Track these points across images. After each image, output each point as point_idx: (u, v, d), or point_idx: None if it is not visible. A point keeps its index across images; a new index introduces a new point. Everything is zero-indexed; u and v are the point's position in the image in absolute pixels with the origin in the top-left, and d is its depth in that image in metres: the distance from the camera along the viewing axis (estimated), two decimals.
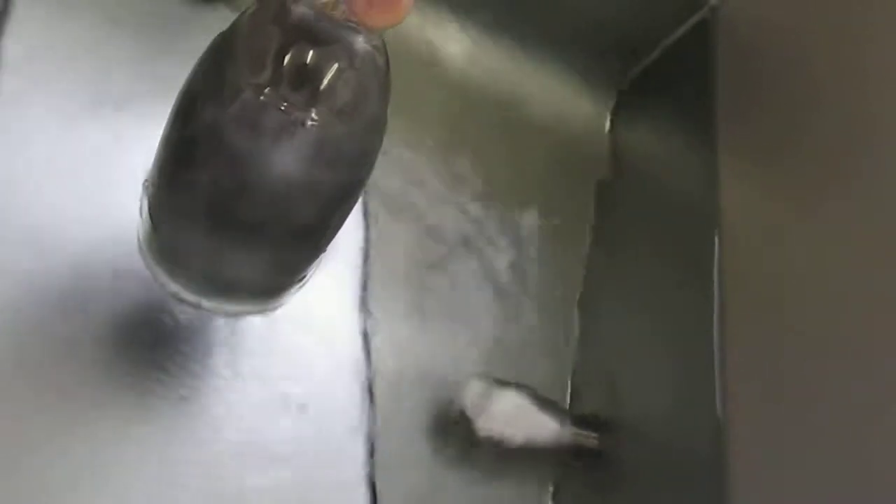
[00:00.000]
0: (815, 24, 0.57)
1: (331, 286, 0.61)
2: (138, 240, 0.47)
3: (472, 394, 0.60)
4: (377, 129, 0.42)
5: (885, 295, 0.45)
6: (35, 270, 0.52)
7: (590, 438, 0.62)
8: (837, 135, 0.52)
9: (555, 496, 0.63)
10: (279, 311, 0.48)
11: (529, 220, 0.69)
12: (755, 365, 0.51)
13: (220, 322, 0.55)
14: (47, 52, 0.57)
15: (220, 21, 0.41)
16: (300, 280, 0.47)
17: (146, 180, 0.45)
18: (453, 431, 0.61)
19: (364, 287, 0.62)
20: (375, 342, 0.61)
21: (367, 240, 0.63)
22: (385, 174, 0.65)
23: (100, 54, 0.59)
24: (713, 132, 0.61)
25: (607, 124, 0.75)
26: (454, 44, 0.72)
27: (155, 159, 0.44)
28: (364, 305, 0.61)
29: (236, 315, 0.53)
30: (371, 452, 0.58)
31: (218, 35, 0.41)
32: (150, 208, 0.45)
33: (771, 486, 0.47)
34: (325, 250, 0.46)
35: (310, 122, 0.39)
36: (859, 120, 0.50)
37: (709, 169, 0.60)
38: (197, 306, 0.46)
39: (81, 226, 0.54)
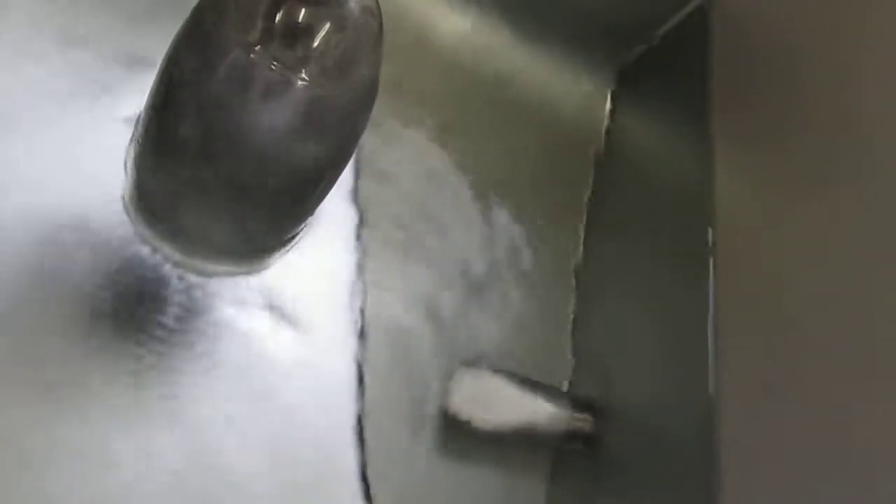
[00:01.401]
0: (812, 13, 0.56)
1: (318, 267, 0.60)
2: (123, 198, 0.46)
3: (464, 381, 0.60)
4: (369, 90, 0.42)
5: (879, 285, 0.45)
6: (14, 231, 0.51)
7: (586, 422, 0.61)
8: (834, 124, 0.51)
9: (550, 483, 0.63)
10: (267, 274, 0.48)
11: (524, 204, 0.69)
12: (748, 353, 0.51)
13: (206, 283, 0.54)
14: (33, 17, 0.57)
15: None
16: (287, 242, 0.46)
17: (132, 137, 0.45)
18: (447, 419, 0.60)
19: (354, 278, 0.61)
20: (366, 329, 0.60)
21: (358, 229, 0.62)
22: (378, 151, 0.64)
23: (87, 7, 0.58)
24: (709, 120, 0.61)
25: (603, 109, 0.75)
26: (449, 23, 0.71)
27: (142, 116, 0.43)
28: (354, 293, 0.61)
29: (222, 276, 0.53)
30: (361, 442, 0.58)
31: None
32: (136, 166, 0.44)
33: (762, 473, 0.47)
34: (312, 213, 0.45)
35: (300, 82, 0.39)
36: (856, 110, 0.50)
37: (704, 157, 0.59)
38: (182, 266, 0.46)
39: (66, 186, 0.53)
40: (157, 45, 0.42)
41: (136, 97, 0.43)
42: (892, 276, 0.44)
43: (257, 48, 0.38)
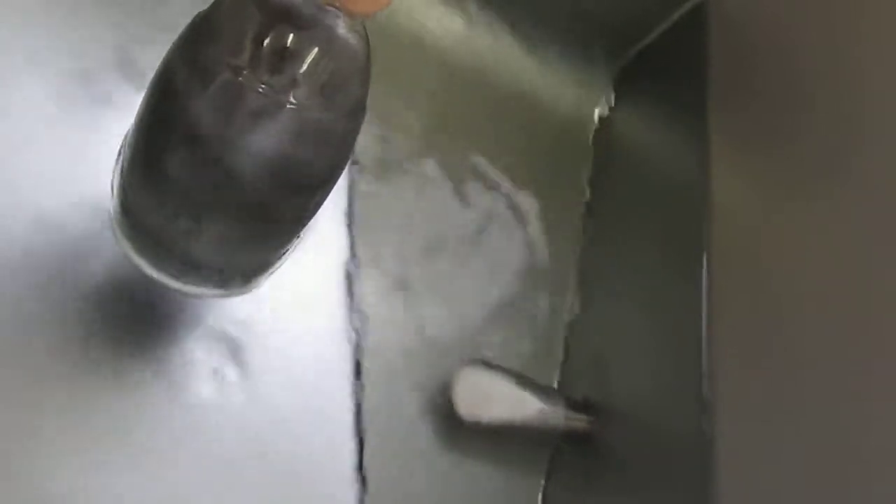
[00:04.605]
0: (809, 12, 0.56)
1: (315, 266, 0.60)
2: (111, 220, 0.46)
3: (463, 379, 0.60)
4: (356, 113, 0.42)
5: (876, 283, 0.45)
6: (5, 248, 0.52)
7: (582, 421, 0.61)
8: (831, 123, 0.51)
9: (546, 481, 0.63)
10: (258, 292, 0.48)
11: (521, 203, 0.69)
12: (742, 350, 0.51)
13: (194, 303, 0.54)
14: (26, 28, 0.57)
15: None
16: (274, 262, 0.47)
17: (119, 159, 0.45)
18: (444, 417, 0.61)
19: (350, 273, 0.62)
20: (363, 325, 0.61)
21: (351, 221, 0.62)
22: (374, 154, 0.65)
23: (77, 31, 0.58)
24: (706, 118, 0.60)
25: (600, 108, 0.75)
26: (446, 24, 0.71)
27: (129, 138, 0.43)
28: (350, 289, 0.61)
29: (210, 297, 0.53)
30: (360, 438, 0.58)
31: (197, 14, 0.41)
32: (123, 188, 0.44)
33: (758, 471, 0.47)
34: (300, 234, 0.45)
35: (288, 105, 0.39)
36: (854, 108, 0.50)
37: (701, 155, 0.59)
38: (170, 287, 0.46)
39: (54, 203, 0.53)
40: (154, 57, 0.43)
41: (128, 110, 0.43)
42: (889, 273, 0.44)
43: (246, 71, 0.39)
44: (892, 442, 0.42)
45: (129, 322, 0.53)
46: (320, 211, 0.45)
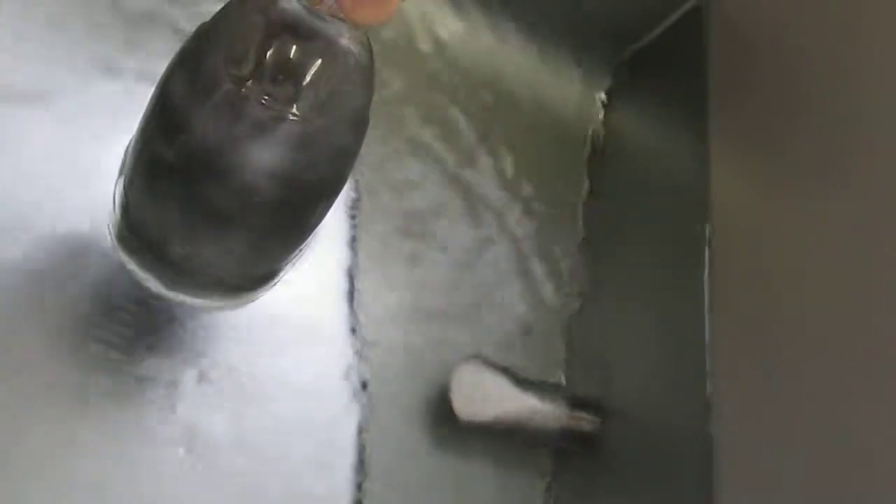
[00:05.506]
0: (808, 11, 0.56)
1: (316, 266, 0.60)
2: (110, 232, 0.46)
3: (464, 378, 0.60)
4: (359, 125, 0.42)
5: (875, 280, 0.45)
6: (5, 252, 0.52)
7: (585, 420, 0.62)
8: (831, 123, 0.52)
9: (550, 480, 0.63)
10: (259, 303, 0.48)
11: (520, 203, 0.69)
12: (744, 350, 0.51)
13: (197, 311, 0.54)
14: (28, 30, 0.57)
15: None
16: (277, 273, 0.47)
17: (121, 171, 0.45)
18: (445, 417, 0.61)
19: (351, 277, 0.62)
20: (364, 326, 0.61)
21: (355, 228, 0.62)
22: (376, 155, 0.64)
23: (76, 40, 0.58)
24: (705, 118, 0.61)
25: (599, 108, 0.75)
26: (447, 23, 0.71)
27: (131, 149, 0.43)
28: (351, 289, 0.61)
29: (212, 308, 0.53)
30: (361, 439, 0.58)
31: (201, 24, 0.41)
32: (124, 200, 0.44)
33: (759, 470, 0.47)
34: (303, 246, 0.45)
35: (291, 117, 0.39)
36: (853, 109, 0.50)
37: (700, 154, 0.60)
38: (170, 299, 0.46)
39: (51, 212, 0.53)
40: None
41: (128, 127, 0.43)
42: (889, 273, 0.44)
43: (248, 83, 0.38)
44: (893, 442, 0.42)
45: (127, 333, 0.54)
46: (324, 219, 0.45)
